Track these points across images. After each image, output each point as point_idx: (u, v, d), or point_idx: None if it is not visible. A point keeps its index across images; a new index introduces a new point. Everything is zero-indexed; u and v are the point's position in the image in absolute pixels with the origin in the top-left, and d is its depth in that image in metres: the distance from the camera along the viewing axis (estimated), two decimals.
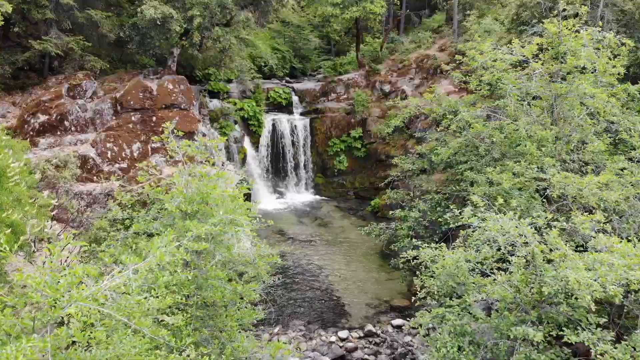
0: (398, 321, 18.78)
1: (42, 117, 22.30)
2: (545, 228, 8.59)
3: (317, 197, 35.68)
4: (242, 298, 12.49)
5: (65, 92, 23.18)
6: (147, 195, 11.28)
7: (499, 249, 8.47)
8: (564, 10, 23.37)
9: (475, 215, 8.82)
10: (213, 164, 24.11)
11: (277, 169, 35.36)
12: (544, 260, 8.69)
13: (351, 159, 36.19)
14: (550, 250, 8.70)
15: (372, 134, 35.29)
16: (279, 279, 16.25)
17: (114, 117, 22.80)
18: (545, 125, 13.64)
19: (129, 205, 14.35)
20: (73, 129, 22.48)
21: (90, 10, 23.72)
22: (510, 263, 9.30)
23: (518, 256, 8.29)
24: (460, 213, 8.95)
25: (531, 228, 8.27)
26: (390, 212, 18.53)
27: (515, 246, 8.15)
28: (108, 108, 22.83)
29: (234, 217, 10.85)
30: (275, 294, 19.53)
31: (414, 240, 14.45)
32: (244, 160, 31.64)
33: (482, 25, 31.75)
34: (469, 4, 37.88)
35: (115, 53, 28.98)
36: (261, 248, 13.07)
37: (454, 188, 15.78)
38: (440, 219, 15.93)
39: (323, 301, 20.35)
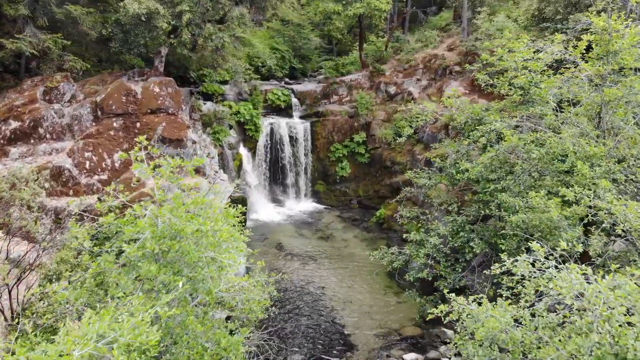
0: (410, 355, 16.61)
1: (14, 124, 20.15)
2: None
3: (318, 205, 33.51)
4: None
5: (41, 95, 21.02)
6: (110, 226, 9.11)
7: (565, 315, 6.37)
8: (590, 5, 21.22)
9: (532, 265, 6.70)
10: (204, 174, 21.97)
11: (276, 176, 33.21)
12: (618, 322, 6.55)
13: (354, 165, 34.06)
14: (628, 310, 6.55)
15: (376, 138, 33.16)
16: (274, 313, 14.06)
17: (93, 123, 20.61)
18: (590, 137, 11.42)
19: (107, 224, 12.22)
20: (48, 136, 20.30)
21: (69, 6, 21.55)
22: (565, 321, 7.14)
23: (591, 321, 6.15)
24: (512, 262, 6.81)
25: (611, 287, 6.16)
26: (405, 235, 16.29)
27: (590, 311, 6.03)
28: (87, 113, 20.64)
29: (215, 256, 8.70)
30: (272, 324, 17.38)
31: (433, 270, 12.33)
32: (239, 168, 29.53)
33: (495, 23, 29.63)
34: (480, 1, 35.71)
35: (104, 53, 26.82)
36: (253, 290, 10.85)
37: (482, 212, 13.51)
38: (464, 247, 13.74)
39: (326, 330, 18.18)
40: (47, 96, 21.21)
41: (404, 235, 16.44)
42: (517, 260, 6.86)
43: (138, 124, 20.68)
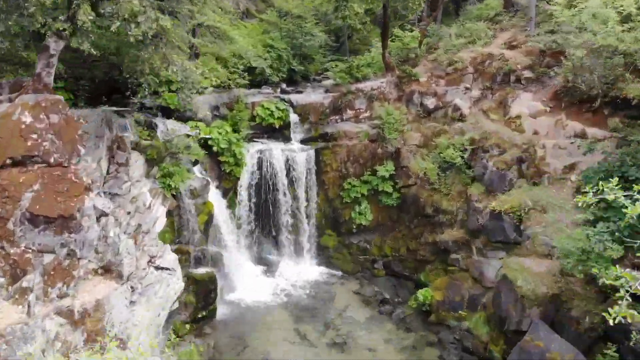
0: None
1: None
2: None
3: (326, 270, 23.46)
4: None
5: None
6: None
7: None
8: None
9: None
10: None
11: (265, 228, 23.21)
12: None
13: (378, 208, 23.96)
14: None
15: (410, 172, 23.07)
16: None
17: None
18: None
19: None
20: None
21: None
22: None
23: None
24: None
25: None
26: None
27: None
28: None
29: None
30: None
31: None
32: (206, 225, 19.30)
33: (586, 10, 19.55)
34: None
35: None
36: None
37: None
38: None
39: None
40: None
41: None
42: None
43: None
